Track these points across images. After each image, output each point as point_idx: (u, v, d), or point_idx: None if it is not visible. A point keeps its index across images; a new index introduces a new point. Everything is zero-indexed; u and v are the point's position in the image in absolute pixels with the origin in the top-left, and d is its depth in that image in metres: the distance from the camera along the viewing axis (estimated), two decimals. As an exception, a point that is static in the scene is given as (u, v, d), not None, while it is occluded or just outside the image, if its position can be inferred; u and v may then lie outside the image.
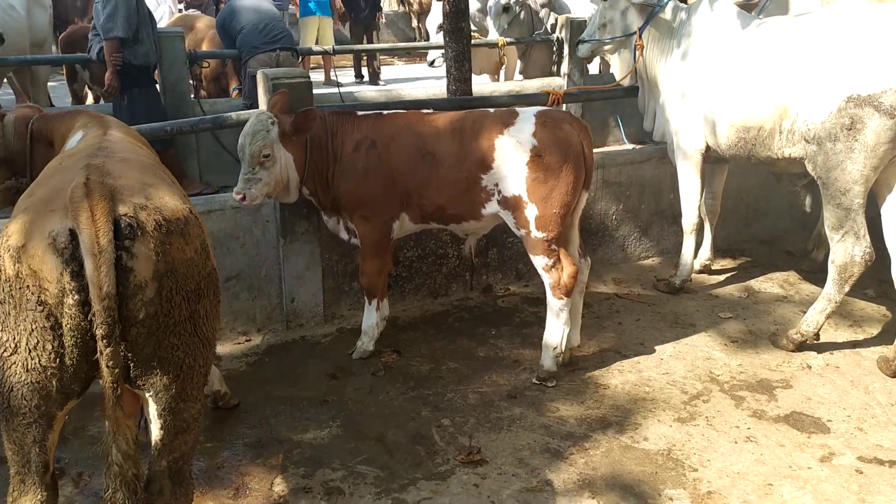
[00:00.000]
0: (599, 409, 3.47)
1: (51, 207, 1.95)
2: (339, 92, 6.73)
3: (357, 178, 3.63)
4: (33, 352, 1.94)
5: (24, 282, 1.90)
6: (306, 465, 3.06)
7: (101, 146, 2.34)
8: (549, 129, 3.49)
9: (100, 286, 1.85)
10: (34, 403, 1.97)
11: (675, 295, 4.64)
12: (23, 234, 1.92)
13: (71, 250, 1.88)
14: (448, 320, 4.37)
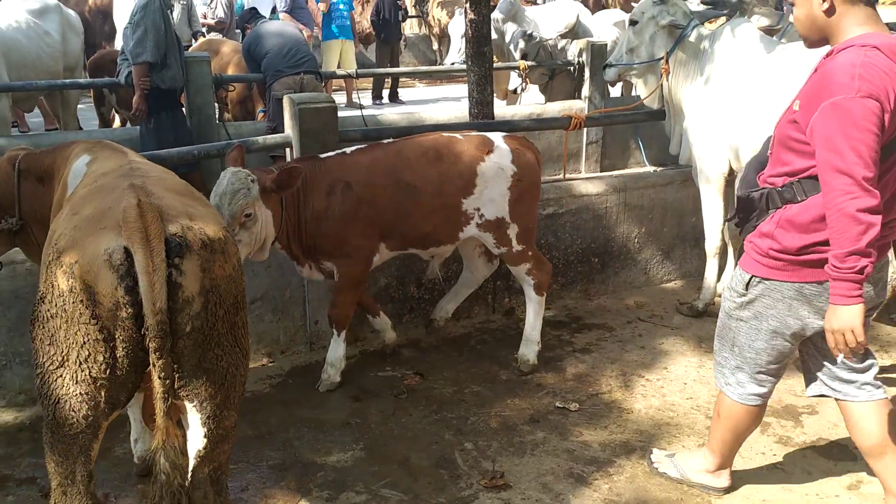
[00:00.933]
0: (623, 433, 3.45)
1: (101, 226, 2.05)
2: (361, 115, 6.80)
3: (336, 221, 3.57)
4: (84, 364, 2.03)
5: (78, 296, 1.99)
6: (330, 488, 3.07)
7: (134, 167, 2.41)
8: (523, 156, 3.79)
9: (153, 301, 1.97)
10: (83, 414, 2.06)
11: (698, 318, 4.62)
12: (76, 251, 2.02)
13: (126, 267, 2.00)
14: (470, 343, 4.38)
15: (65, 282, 2.01)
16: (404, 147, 3.76)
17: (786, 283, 2.60)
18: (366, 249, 3.69)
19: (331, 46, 11.14)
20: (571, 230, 4.80)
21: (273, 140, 4.21)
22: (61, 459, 2.13)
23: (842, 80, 2.34)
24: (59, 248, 2.05)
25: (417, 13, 17.58)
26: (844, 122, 2.32)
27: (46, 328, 2.06)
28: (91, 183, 2.39)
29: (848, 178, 2.31)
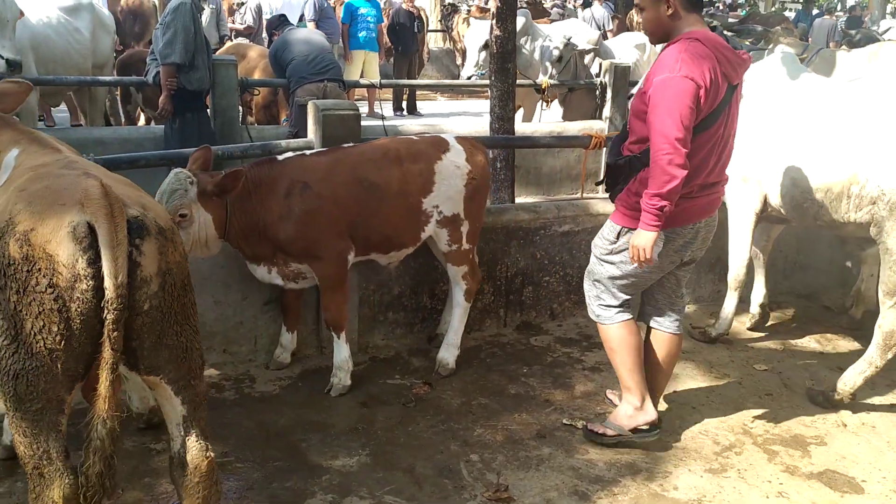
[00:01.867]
0: (629, 454, 3.44)
1: (61, 202, 2.13)
2: (383, 125, 6.86)
3: (297, 223, 3.58)
4: (38, 335, 2.07)
5: (35, 265, 2.05)
6: (334, 492, 3.09)
7: (72, 161, 2.51)
8: (475, 155, 3.96)
9: (116, 275, 2.05)
10: (41, 388, 2.10)
11: (710, 344, 4.61)
12: (32, 221, 2.08)
13: (89, 241, 2.08)
14: (480, 355, 4.39)
15: (18, 250, 2.05)
16: (365, 149, 3.84)
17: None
18: (336, 249, 3.69)
19: (355, 56, 11.24)
20: (587, 249, 4.74)
21: (296, 145, 4.26)
22: (31, 439, 2.15)
23: (669, 62, 3.01)
24: (15, 220, 2.09)
25: (442, 27, 17.70)
26: (667, 95, 2.97)
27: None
28: (28, 172, 2.42)
29: (664, 138, 2.95)
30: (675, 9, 3.10)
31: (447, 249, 3.97)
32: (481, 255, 4.57)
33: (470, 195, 3.91)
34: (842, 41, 14.17)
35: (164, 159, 4.19)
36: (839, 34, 15.61)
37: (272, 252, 3.68)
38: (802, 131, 4.04)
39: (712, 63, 2.99)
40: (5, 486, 3.03)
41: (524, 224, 4.61)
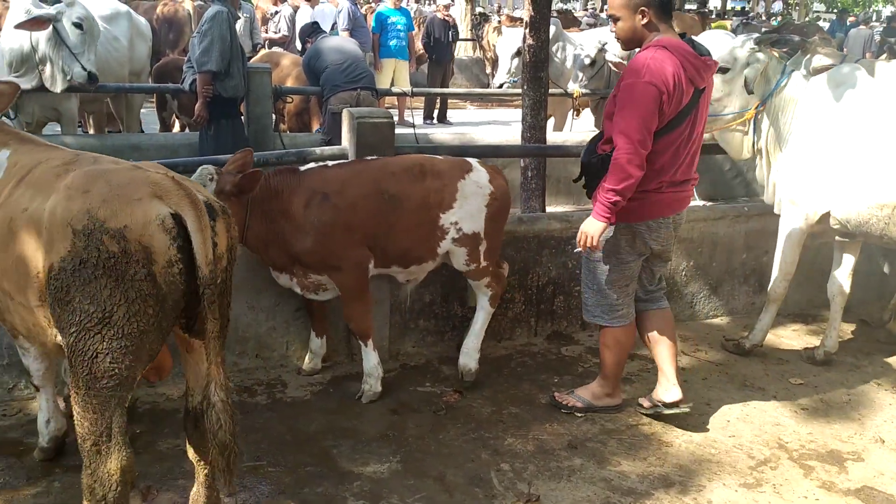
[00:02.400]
0: (662, 466, 3.41)
1: (136, 196, 2.33)
2: (414, 133, 6.88)
3: (316, 234, 3.59)
4: (133, 318, 2.29)
5: (132, 256, 2.27)
6: (365, 498, 3.09)
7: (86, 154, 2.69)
8: (497, 179, 3.95)
9: (206, 255, 2.32)
10: (125, 365, 2.33)
11: (744, 357, 4.54)
12: (121, 219, 2.29)
13: (176, 230, 2.32)
14: (511, 364, 4.37)
15: (116, 245, 2.26)
16: (388, 163, 3.86)
17: (629, 224, 3.47)
18: (354, 259, 3.69)
19: (385, 65, 11.30)
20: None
21: (330, 152, 4.29)
22: (97, 416, 2.33)
23: (636, 68, 3.24)
24: (98, 218, 2.28)
25: (473, 36, 17.75)
26: (631, 98, 3.22)
27: (86, 290, 2.27)
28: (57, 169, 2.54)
29: (626, 139, 3.21)
30: (649, 19, 3.31)
31: (466, 268, 3.94)
32: (512, 264, 4.55)
33: (491, 216, 3.90)
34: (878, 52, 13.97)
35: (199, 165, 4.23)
36: (875, 44, 15.40)
37: (291, 262, 3.71)
38: (876, 144, 3.93)
39: (677, 69, 3.21)
40: (42, 485, 3.07)
41: (556, 233, 4.59)
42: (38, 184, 2.52)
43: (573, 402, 3.82)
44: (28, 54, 5.67)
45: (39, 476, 3.13)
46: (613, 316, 3.66)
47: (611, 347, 3.73)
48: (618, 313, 3.66)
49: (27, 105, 6.03)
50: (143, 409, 3.69)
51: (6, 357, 3.66)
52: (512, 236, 4.54)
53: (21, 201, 2.51)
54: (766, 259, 5.21)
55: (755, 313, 5.21)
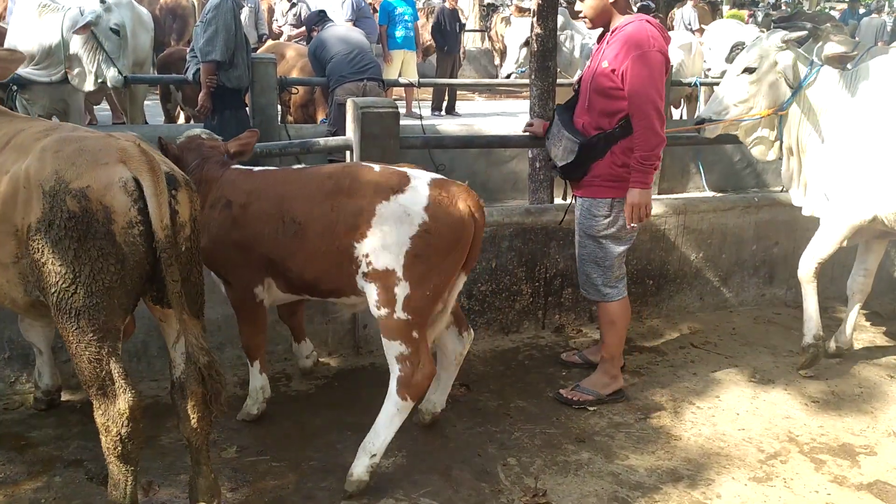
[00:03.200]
0: (671, 460, 3.36)
1: (103, 161, 2.45)
2: (421, 124, 6.83)
3: (210, 239, 3.16)
4: (98, 275, 2.41)
5: (94, 216, 2.38)
6: (370, 494, 3.05)
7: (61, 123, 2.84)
8: (445, 208, 3.03)
9: (161, 219, 2.43)
10: (102, 320, 2.45)
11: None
12: (85, 180, 2.40)
13: (137, 193, 2.44)
14: (518, 357, 4.33)
15: (77, 205, 2.38)
16: (308, 176, 3.25)
17: None
18: (243, 279, 3.27)
19: (393, 56, 11.23)
20: (628, 250, 4.70)
21: (334, 142, 4.25)
22: (94, 364, 2.47)
23: (642, 39, 3.45)
24: (64, 179, 2.39)
25: (481, 27, 17.65)
26: (647, 67, 3.43)
27: (56, 251, 2.40)
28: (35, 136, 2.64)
29: (651, 105, 3.44)
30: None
31: (376, 313, 3.06)
32: (520, 256, 4.51)
33: (418, 253, 2.98)
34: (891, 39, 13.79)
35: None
36: (888, 33, 15.22)
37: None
38: None
39: (663, 40, 3.54)
40: (43, 480, 3.05)
41: (564, 224, 4.54)
42: (20, 147, 2.63)
43: (582, 397, 3.78)
44: (55, 49, 5.89)
45: (40, 471, 3.11)
46: (619, 288, 3.82)
47: (616, 321, 3.81)
48: (621, 284, 3.83)
49: (40, 97, 6.15)
50: (145, 403, 3.65)
51: (7, 350, 3.64)
52: (520, 228, 4.49)
53: (5, 165, 2.61)
54: (776, 250, 5.15)
55: (765, 305, 5.18)
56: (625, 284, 3.87)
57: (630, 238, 3.80)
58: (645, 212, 3.57)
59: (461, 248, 3.09)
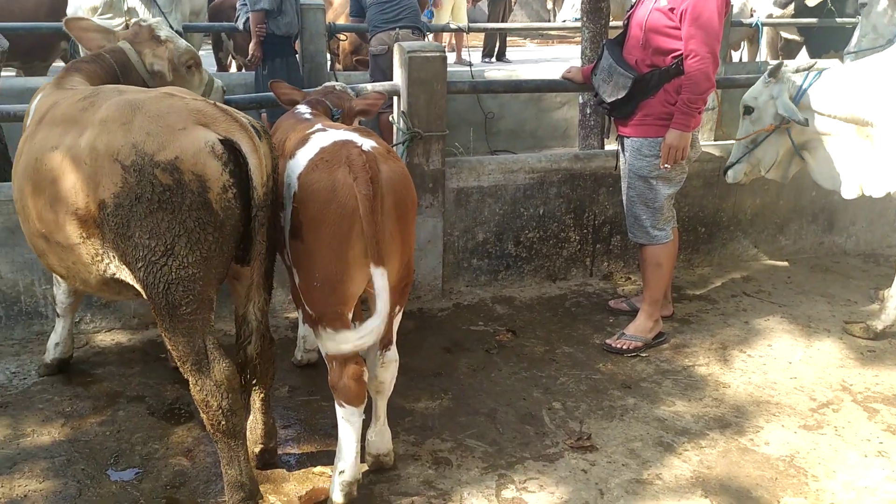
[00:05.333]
0: (719, 408, 3.34)
1: (180, 126, 2.29)
2: (470, 70, 6.75)
3: None
4: (195, 245, 2.28)
5: (187, 186, 2.23)
6: (416, 433, 3.12)
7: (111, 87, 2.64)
8: (328, 176, 2.44)
9: (261, 176, 2.33)
10: (196, 291, 2.33)
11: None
12: (175, 149, 2.25)
13: (227, 155, 2.29)
14: (565, 304, 4.32)
15: (169, 178, 2.23)
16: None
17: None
18: None
19: (444, 2, 11.05)
20: (679, 197, 4.60)
21: (381, 88, 4.22)
22: (187, 339, 2.37)
23: None
24: (147, 152, 2.24)
25: (533, -29, 17.23)
26: (706, 11, 3.39)
27: (145, 225, 2.26)
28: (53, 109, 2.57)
29: (707, 48, 3.39)
30: None
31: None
32: (568, 203, 4.47)
33: (293, 230, 2.52)
34: None
35: (253, 102, 4.24)
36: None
37: None
38: None
39: None
40: (107, 414, 3.19)
41: (613, 171, 4.46)
42: (64, 121, 2.48)
43: (631, 345, 3.78)
44: (115, 1, 5.88)
45: (105, 405, 3.26)
46: (667, 230, 3.80)
47: (662, 264, 3.81)
48: (669, 226, 3.81)
49: None
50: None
51: (71, 292, 3.78)
52: (568, 174, 4.44)
53: (48, 140, 2.47)
54: (836, 197, 4.97)
55: (823, 254, 5.05)
56: (672, 227, 3.82)
57: (680, 180, 3.74)
58: (680, 154, 3.56)
59: (337, 229, 2.41)
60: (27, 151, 2.56)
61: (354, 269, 2.45)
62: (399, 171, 2.56)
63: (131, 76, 3.09)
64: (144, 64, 3.15)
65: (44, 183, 2.45)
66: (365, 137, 2.60)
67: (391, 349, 2.78)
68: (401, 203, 2.52)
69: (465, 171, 4.27)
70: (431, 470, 2.89)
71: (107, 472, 2.82)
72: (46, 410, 3.21)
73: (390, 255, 2.49)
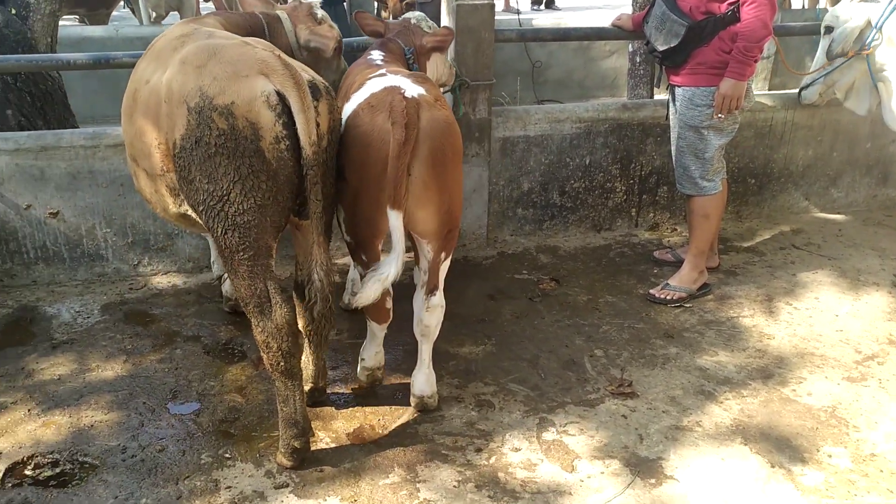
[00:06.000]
0: (762, 358, 3.35)
1: (243, 73, 2.33)
2: (518, 18, 6.66)
3: None
4: (249, 193, 2.33)
5: (241, 133, 2.29)
6: (460, 377, 3.20)
7: (207, 30, 2.67)
8: (364, 116, 2.59)
9: (309, 134, 2.32)
10: (253, 237, 2.39)
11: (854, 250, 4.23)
12: (232, 95, 2.30)
13: (281, 107, 2.32)
14: (609, 254, 4.33)
15: (224, 122, 2.28)
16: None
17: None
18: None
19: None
20: (729, 147, 4.53)
21: (429, 36, 4.22)
22: (249, 281, 2.45)
23: None
24: (208, 95, 2.30)
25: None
26: None
27: (204, 168, 2.32)
28: (156, 42, 2.68)
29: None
30: None
31: None
32: (615, 153, 4.44)
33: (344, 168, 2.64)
34: None
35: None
36: None
37: None
38: None
39: None
40: (165, 352, 3.35)
41: (662, 121, 4.41)
42: (158, 56, 2.61)
43: (676, 295, 3.79)
44: None
45: (163, 344, 3.41)
46: (716, 182, 3.75)
47: (710, 215, 3.78)
48: (718, 177, 3.76)
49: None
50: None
51: (130, 235, 3.93)
52: (616, 124, 4.40)
53: (145, 73, 2.61)
54: (892, 148, 4.86)
55: (876, 207, 4.95)
56: (722, 178, 3.78)
57: (732, 130, 3.69)
58: (734, 104, 3.49)
59: (372, 171, 2.54)
60: (130, 79, 2.73)
61: (380, 211, 2.57)
62: (441, 119, 2.59)
63: (278, 42, 3.16)
64: (297, 37, 3.23)
65: (136, 113, 2.60)
66: (416, 84, 2.66)
67: (437, 294, 2.86)
68: (439, 151, 2.57)
69: (511, 120, 4.27)
70: (474, 412, 2.97)
71: (166, 406, 2.98)
72: (109, 347, 3.38)
73: (422, 200, 2.58)
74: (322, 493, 2.52)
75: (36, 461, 2.67)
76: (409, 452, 2.72)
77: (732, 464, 2.69)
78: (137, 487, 2.54)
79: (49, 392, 3.06)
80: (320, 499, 2.50)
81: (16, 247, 3.83)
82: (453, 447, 2.76)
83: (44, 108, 4.47)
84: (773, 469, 2.66)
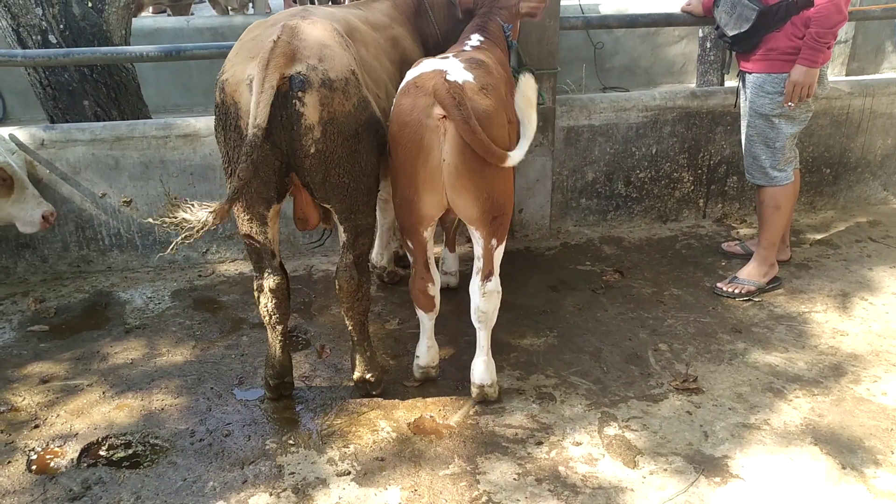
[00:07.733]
0: (835, 355, 3.23)
1: (250, 55, 2.51)
2: (579, 4, 6.56)
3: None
4: (234, 164, 2.52)
5: (228, 108, 2.51)
6: (521, 369, 3.19)
7: (307, 9, 2.79)
8: (408, 97, 2.62)
9: (255, 116, 2.36)
10: (247, 203, 2.61)
11: None
12: (230, 73, 2.53)
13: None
14: (675, 246, 4.24)
15: (219, 95, 2.54)
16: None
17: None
18: None
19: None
20: (803, 136, 4.39)
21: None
22: (246, 239, 2.73)
23: None
24: (225, 70, 2.57)
25: None
26: None
27: (217, 133, 2.60)
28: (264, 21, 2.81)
29: None
30: None
31: None
32: (682, 142, 4.34)
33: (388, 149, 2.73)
34: None
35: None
36: None
37: None
38: None
39: None
40: (232, 338, 3.43)
41: (732, 109, 4.29)
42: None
43: (744, 289, 3.69)
44: None
45: (230, 330, 3.50)
46: (788, 172, 3.64)
47: (781, 206, 3.67)
48: (790, 167, 3.65)
49: None
50: (317, 276, 3.98)
51: (199, 225, 4.03)
52: (683, 112, 4.30)
53: None
54: (981, 137, 4.62)
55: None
56: (794, 168, 3.66)
57: (804, 119, 3.56)
58: (806, 92, 3.39)
59: (408, 151, 2.58)
60: None
61: (424, 191, 2.63)
62: (479, 109, 2.54)
63: (422, 19, 3.41)
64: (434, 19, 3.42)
65: None
66: (467, 71, 2.63)
67: (492, 280, 2.86)
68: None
69: (575, 109, 4.21)
70: (535, 405, 2.96)
71: (233, 392, 3.05)
72: (178, 333, 3.48)
73: (457, 188, 2.60)
74: (383, 482, 2.55)
75: (110, 442, 2.78)
76: (470, 444, 2.73)
77: (802, 464, 2.61)
78: (205, 471, 2.62)
79: (122, 375, 3.17)
80: (381, 487, 2.53)
81: (92, 234, 3.98)
82: (514, 440, 2.75)
83: (118, 98, 4.61)
84: (844, 471, 2.58)
